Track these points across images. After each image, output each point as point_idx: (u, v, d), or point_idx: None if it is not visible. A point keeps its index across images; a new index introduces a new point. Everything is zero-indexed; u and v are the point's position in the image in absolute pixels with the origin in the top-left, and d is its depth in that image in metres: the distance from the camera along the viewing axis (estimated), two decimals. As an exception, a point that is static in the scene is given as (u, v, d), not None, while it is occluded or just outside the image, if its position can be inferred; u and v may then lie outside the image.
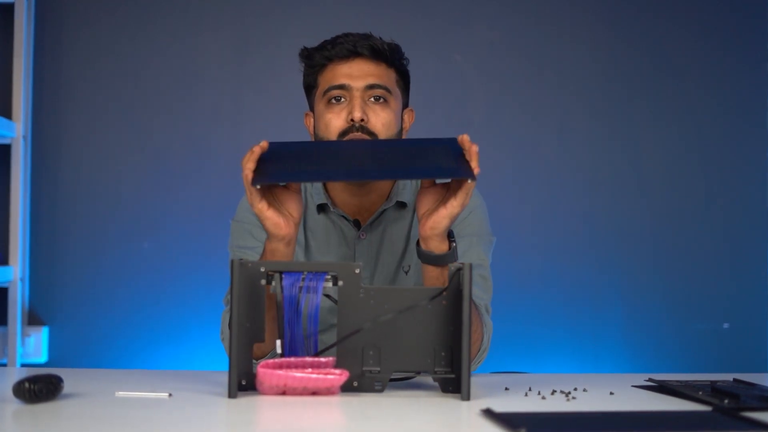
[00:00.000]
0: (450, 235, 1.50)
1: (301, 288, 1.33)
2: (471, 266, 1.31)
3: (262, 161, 1.45)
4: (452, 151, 1.47)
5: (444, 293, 1.34)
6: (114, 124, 2.76)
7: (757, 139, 2.82)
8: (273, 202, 1.47)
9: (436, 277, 1.51)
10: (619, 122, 2.81)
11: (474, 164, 1.43)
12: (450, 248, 1.49)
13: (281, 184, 1.48)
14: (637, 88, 2.82)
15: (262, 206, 1.45)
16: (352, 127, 1.65)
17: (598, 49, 2.82)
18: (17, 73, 2.66)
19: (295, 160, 1.47)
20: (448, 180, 1.47)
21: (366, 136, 1.64)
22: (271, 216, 1.46)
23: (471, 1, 2.82)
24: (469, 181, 1.43)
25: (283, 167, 1.45)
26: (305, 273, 1.34)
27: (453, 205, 1.45)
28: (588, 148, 2.81)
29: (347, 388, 1.34)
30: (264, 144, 1.45)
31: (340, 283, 1.35)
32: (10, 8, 2.69)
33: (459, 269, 1.33)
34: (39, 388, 1.22)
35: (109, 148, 2.75)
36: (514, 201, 2.77)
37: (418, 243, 1.52)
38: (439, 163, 1.45)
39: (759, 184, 2.81)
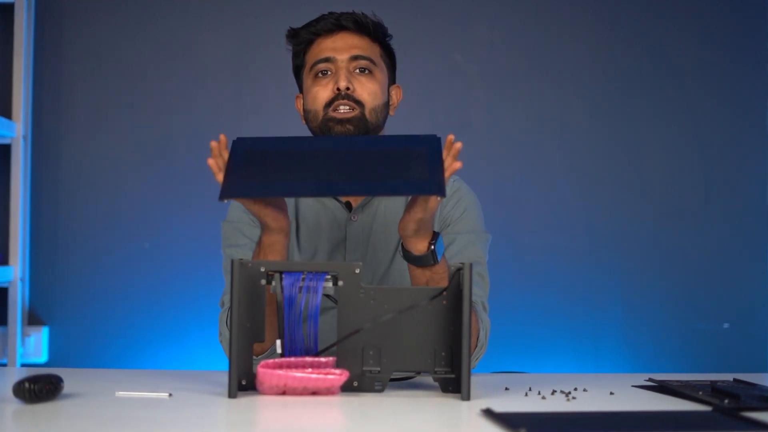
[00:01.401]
0: (433, 237, 1.50)
1: (301, 288, 1.33)
2: (471, 266, 1.31)
3: (233, 165, 1.47)
4: (428, 158, 1.44)
5: (444, 293, 1.34)
6: (114, 124, 2.76)
7: (757, 139, 2.82)
8: (265, 198, 1.49)
9: (417, 276, 1.53)
10: (619, 122, 2.81)
11: (448, 162, 1.43)
12: (427, 250, 1.49)
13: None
14: (637, 88, 2.81)
15: (258, 207, 1.48)
16: (338, 95, 1.68)
17: (598, 49, 2.82)
18: (17, 73, 2.66)
19: (266, 167, 1.46)
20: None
21: (353, 104, 1.67)
22: (270, 212, 1.48)
23: (471, 1, 2.82)
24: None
25: (252, 178, 1.45)
26: (305, 273, 1.34)
27: (415, 211, 1.46)
28: (588, 148, 2.81)
29: (347, 388, 1.34)
30: (222, 138, 1.51)
31: (340, 283, 1.35)
32: (10, 8, 2.69)
33: (459, 269, 1.33)
34: (39, 388, 1.22)
35: (109, 148, 2.75)
36: (514, 201, 2.77)
37: (402, 244, 1.53)
38: (410, 175, 1.42)
39: (759, 184, 2.81)
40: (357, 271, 1.35)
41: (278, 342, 1.33)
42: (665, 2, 2.83)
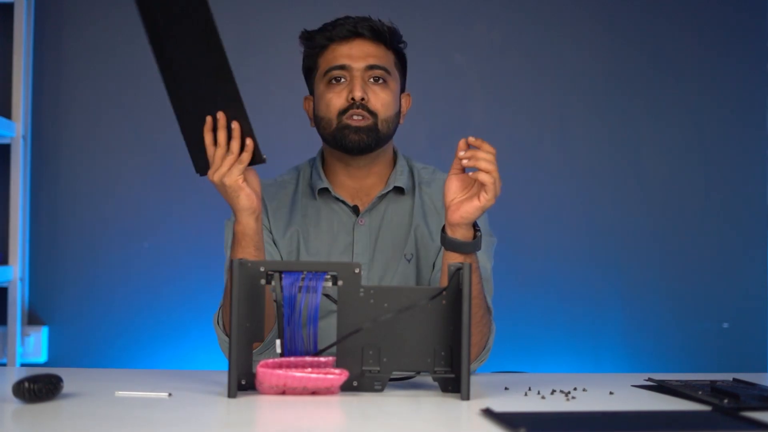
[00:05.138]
0: (475, 225, 1.54)
1: (300, 287, 1.33)
2: (470, 266, 1.31)
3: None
4: None
5: (444, 293, 1.34)
6: (114, 124, 2.76)
7: (757, 139, 2.82)
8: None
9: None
10: (619, 122, 2.81)
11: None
12: (475, 237, 1.53)
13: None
14: (637, 88, 2.81)
15: (239, 180, 1.51)
16: (352, 105, 1.68)
17: (598, 49, 2.82)
18: (17, 73, 2.66)
19: None
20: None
21: (366, 114, 1.68)
22: (247, 191, 1.52)
23: (471, 1, 2.82)
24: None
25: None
26: (305, 273, 1.34)
27: (487, 199, 1.49)
28: (588, 148, 2.81)
29: (347, 387, 1.34)
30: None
31: (340, 282, 1.35)
32: (10, 8, 2.69)
33: (459, 269, 1.33)
34: (39, 388, 1.22)
35: (108, 147, 2.75)
36: (513, 201, 2.77)
37: (443, 229, 1.54)
38: None
39: (759, 184, 2.81)
40: (357, 270, 1.35)
41: (278, 342, 1.33)
42: (665, 2, 2.83)
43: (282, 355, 1.34)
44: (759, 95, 2.82)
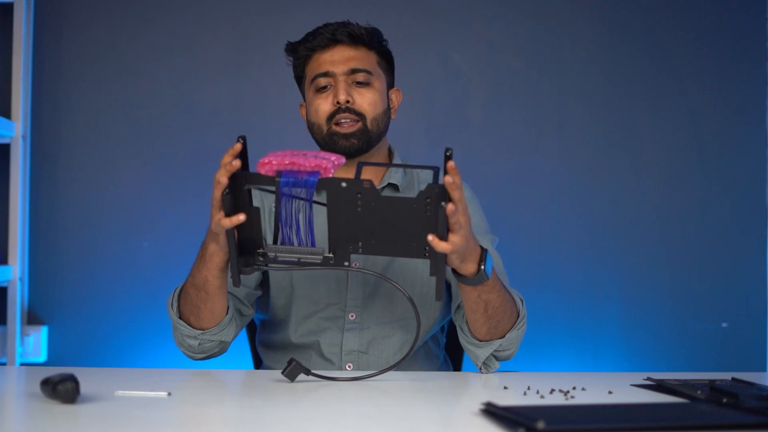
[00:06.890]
0: (480, 257, 1.52)
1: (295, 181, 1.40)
2: (454, 168, 1.39)
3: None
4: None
5: (428, 203, 1.40)
6: (113, 124, 2.76)
7: (757, 139, 2.82)
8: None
9: (467, 292, 1.57)
10: (619, 122, 2.81)
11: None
12: (478, 271, 1.52)
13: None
14: (637, 88, 2.81)
15: (222, 218, 1.52)
16: (338, 109, 1.75)
17: (598, 49, 2.82)
18: (16, 72, 2.66)
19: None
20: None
21: (354, 116, 1.74)
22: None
23: (470, 1, 2.82)
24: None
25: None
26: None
27: (454, 243, 1.44)
28: (587, 148, 2.81)
29: (324, 263, 1.42)
30: (237, 146, 1.57)
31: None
32: (9, 8, 2.69)
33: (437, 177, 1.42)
34: (76, 387, 1.21)
35: (108, 147, 2.75)
36: (513, 200, 2.78)
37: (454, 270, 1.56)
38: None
39: (759, 184, 2.81)
40: (343, 185, 1.39)
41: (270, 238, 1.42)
42: (664, 2, 2.83)
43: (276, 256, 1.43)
44: (759, 95, 2.82)
